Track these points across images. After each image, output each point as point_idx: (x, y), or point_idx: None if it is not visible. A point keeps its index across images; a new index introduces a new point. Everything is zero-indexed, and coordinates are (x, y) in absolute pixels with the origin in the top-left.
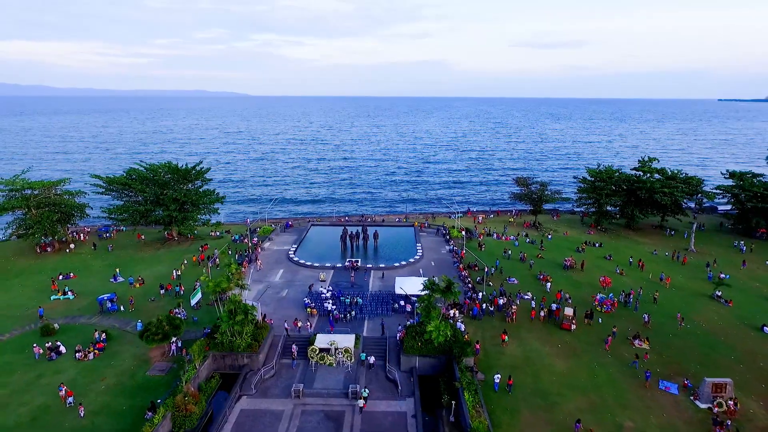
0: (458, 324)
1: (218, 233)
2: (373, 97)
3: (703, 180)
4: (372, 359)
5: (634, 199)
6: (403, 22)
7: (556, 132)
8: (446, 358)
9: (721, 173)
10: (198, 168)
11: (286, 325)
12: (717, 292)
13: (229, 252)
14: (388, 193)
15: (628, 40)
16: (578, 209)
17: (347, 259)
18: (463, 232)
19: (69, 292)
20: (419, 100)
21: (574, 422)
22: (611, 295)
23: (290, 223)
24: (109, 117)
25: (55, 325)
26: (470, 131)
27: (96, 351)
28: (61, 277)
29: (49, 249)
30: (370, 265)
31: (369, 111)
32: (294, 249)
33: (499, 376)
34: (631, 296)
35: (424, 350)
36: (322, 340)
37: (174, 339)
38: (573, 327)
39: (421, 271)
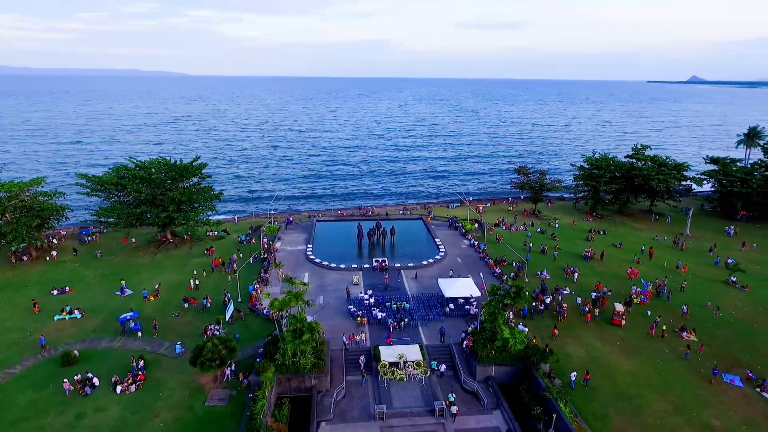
0: (519, 326)
1: (216, 233)
2: (320, 78)
3: (690, 166)
4: (443, 367)
5: (629, 186)
6: (345, 0)
7: (513, 115)
8: (523, 365)
9: (703, 158)
10: (195, 163)
11: (344, 339)
12: (732, 278)
13: (240, 255)
14: (371, 185)
15: (564, 23)
16: (572, 196)
17: (374, 259)
18: (476, 225)
19: (75, 311)
20: (367, 80)
21: (663, 424)
22: (648, 285)
23: (291, 219)
24: (36, 99)
25: (75, 352)
26: (430, 114)
27: (138, 382)
28: (55, 292)
29: (25, 258)
30: (398, 265)
31: (319, 93)
32: (310, 249)
33: (575, 374)
34: (660, 286)
35: (499, 358)
36: (387, 354)
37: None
38: (623, 322)
39: (451, 271)
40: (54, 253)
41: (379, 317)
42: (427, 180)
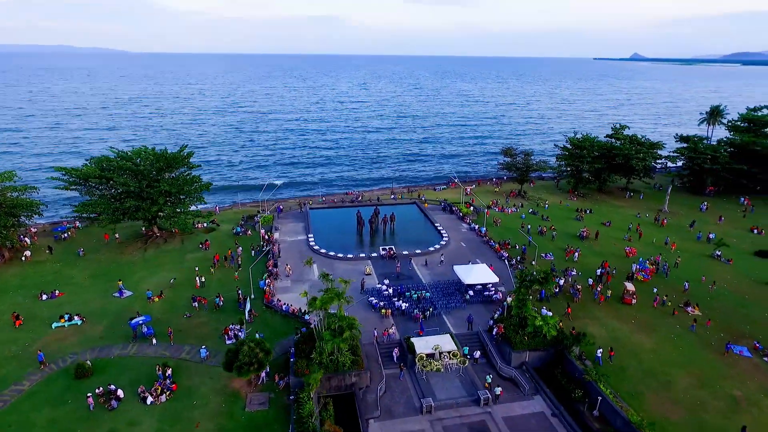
0: (543, 311)
1: (205, 224)
2: (270, 55)
3: (664, 144)
4: (477, 353)
5: (609, 165)
6: None
7: (474, 94)
8: (555, 349)
9: (674, 137)
10: (184, 152)
11: (375, 333)
12: (717, 252)
13: (240, 248)
14: (350, 170)
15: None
16: (552, 176)
17: (382, 248)
18: (471, 208)
19: (75, 317)
20: (318, 58)
21: (693, 398)
22: (646, 264)
23: (281, 207)
24: None
25: (87, 363)
26: (393, 94)
27: (167, 392)
28: (44, 297)
29: None
30: (406, 252)
31: (273, 72)
32: (312, 239)
33: (600, 351)
34: (658, 263)
35: (533, 344)
36: (421, 345)
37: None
38: (634, 301)
39: (456, 255)
40: (28, 253)
41: (403, 308)
42: (406, 164)
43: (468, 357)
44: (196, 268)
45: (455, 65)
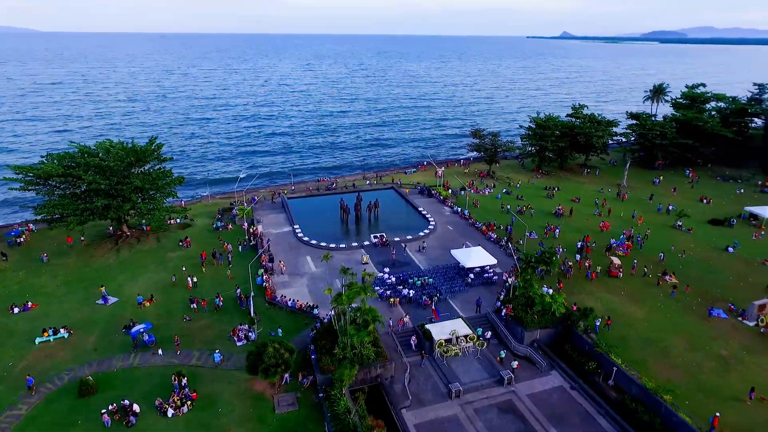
0: (544, 289)
1: (178, 220)
2: (200, 35)
3: (619, 122)
4: (489, 334)
5: (572, 143)
6: None
7: (420, 74)
8: (562, 325)
9: (626, 113)
10: (154, 144)
11: (390, 322)
12: (678, 222)
13: (229, 245)
14: (313, 157)
15: None
16: (515, 155)
17: (373, 235)
18: (449, 190)
19: (61, 330)
20: (252, 37)
21: (689, 361)
22: (624, 238)
23: (256, 198)
24: None
25: (89, 378)
26: (339, 76)
27: (189, 401)
28: (16, 309)
29: None
30: (398, 239)
31: (208, 53)
32: (299, 230)
33: (599, 320)
34: (631, 237)
35: (543, 322)
36: (437, 331)
37: None
38: (620, 274)
39: (446, 239)
40: None
41: (410, 295)
42: (368, 149)
43: (481, 337)
44: (183, 268)
45: (396, 45)
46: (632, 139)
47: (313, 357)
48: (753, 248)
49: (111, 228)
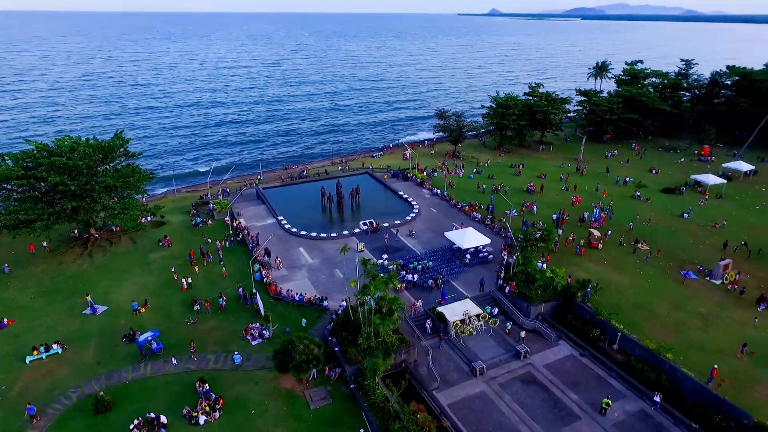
0: (539, 264)
1: (149, 218)
2: (112, 14)
3: (572, 99)
4: (496, 311)
5: (531, 121)
6: None
7: (360, 54)
8: (563, 298)
9: (575, 90)
10: (120, 139)
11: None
12: (637, 193)
13: (209, 240)
14: (272, 146)
15: None
16: (474, 134)
17: (362, 222)
18: (424, 173)
19: (54, 345)
20: (172, 16)
21: (675, 320)
22: (599, 212)
23: (228, 190)
24: None
25: (101, 393)
26: (279, 57)
27: (218, 407)
28: None
29: None
30: (387, 224)
31: (131, 32)
32: (284, 221)
33: (589, 289)
34: (597, 209)
35: (546, 296)
36: (450, 313)
37: None
38: (600, 245)
39: (454, 225)
40: None
41: (414, 280)
42: (326, 134)
43: (491, 314)
44: (173, 269)
45: (330, 23)
46: (583, 114)
47: (336, 349)
48: (703, 213)
49: (75, 231)
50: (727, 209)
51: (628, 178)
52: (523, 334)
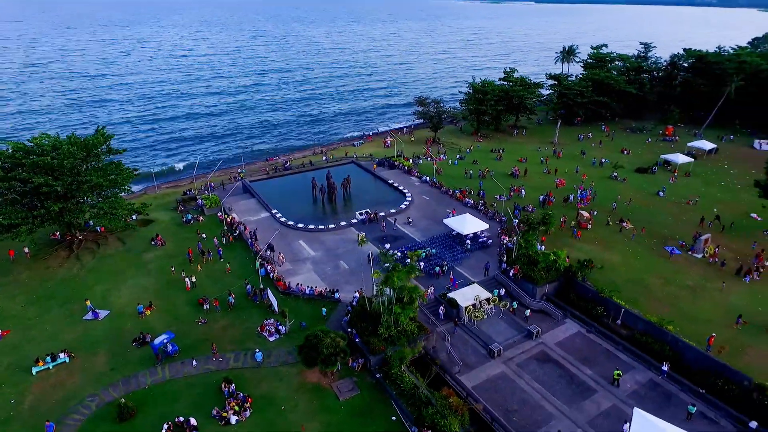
0: (539, 246)
1: (133, 217)
2: None
3: (544, 84)
4: (503, 292)
5: (508, 106)
6: None
7: (322, 41)
8: (564, 278)
9: (546, 75)
10: (104, 136)
11: None
12: (614, 173)
13: (203, 236)
14: (244, 139)
15: None
16: (450, 119)
17: (359, 212)
18: (410, 160)
19: (61, 354)
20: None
21: (668, 294)
22: (586, 193)
23: (213, 184)
24: None
25: (122, 401)
26: (239, 44)
27: (246, 405)
28: None
29: None
30: (383, 213)
31: (67, 20)
32: (279, 214)
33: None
34: (583, 191)
35: (549, 277)
36: (461, 299)
37: None
38: (589, 226)
39: (450, 212)
40: None
41: (421, 267)
42: (304, 126)
43: (501, 297)
44: (173, 269)
45: (285, 8)
46: (555, 98)
47: (357, 340)
48: (675, 191)
49: (57, 234)
50: (696, 186)
51: (603, 160)
52: (528, 312)
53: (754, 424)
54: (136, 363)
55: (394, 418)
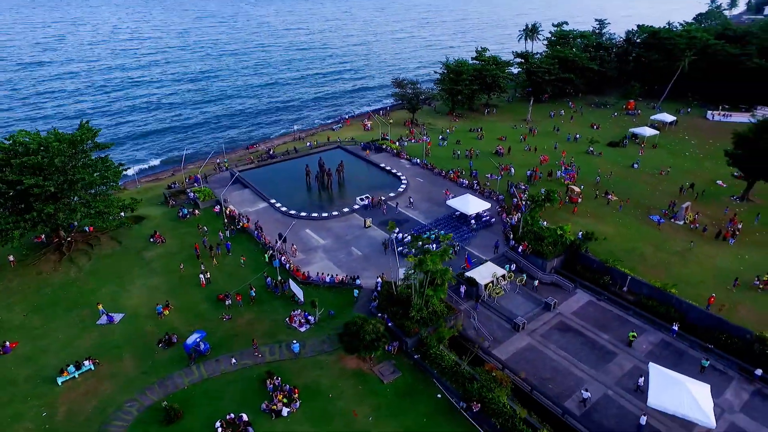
0: (541, 222)
1: (122, 214)
2: None
3: (512, 62)
4: (513, 266)
5: (481, 85)
6: None
7: (269, 21)
8: (569, 251)
9: (512, 53)
10: (90, 129)
11: None
12: (590, 148)
13: (206, 229)
14: (213, 129)
15: None
16: (425, 99)
17: (359, 198)
18: (397, 143)
19: (86, 361)
20: None
21: (661, 260)
22: (570, 170)
23: (198, 176)
24: None
25: (164, 403)
26: (185, 26)
27: (295, 397)
28: None
29: None
30: (383, 197)
31: None
32: (278, 204)
33: (581, 234)
34: (564, 166)
35: (557, 251)
36: (480, 277)
37: None
38: (580, 200)
39: (451, 194)
40: None
41: (434, 249)
42: (274, 113)
43: (513, 271)
44: (181, 266)
45: None
46: (524, 76)
47: (390, 324)
48: (646, 163)
49: (41, 237)
50: (664, 158)
51: (578, 135)
52: (536, 283)
53: (759, 371)
54: (167, 364)
55: (439, 395)
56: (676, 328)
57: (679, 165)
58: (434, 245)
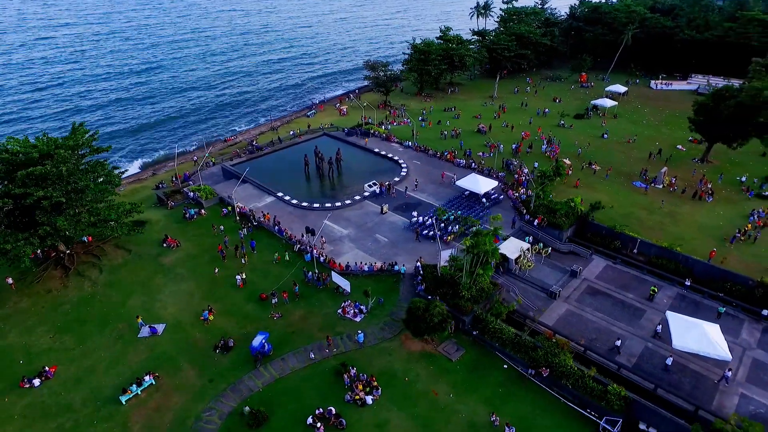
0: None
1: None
2: None
3: (471, 41)
4: (531, 239)
5: (449, 65)
6: None
7: (207, 6)
8: (580, 219)
9: (470, 30)
10: (86, 131)
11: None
12: (561, 122)
13: (221, 228)
14: (178, 126)
15: None
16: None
17: (367, 184)
18: (382, 126)
19: (146, 377)
20: None
21: (657, 223)
22: (552, 143)
23: (188, 173)
24: None
25: (246, 408)
26: (117, 11)
27: (375, 385)
28: (36, 381)
29: None
30: (389, 182)
31: None
32: (287, 197)
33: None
34: (545, 140)
35: (571, 221)
36: (509, 252)
37: None
38: (570, 172)
39: (454, 175)
40: None
41: (455, 230)
42: (244, 105)
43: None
44: (216, 270)
45: None
46: (485, 54)
47: (445, 308)
48: (613, 132)
49: (39, 252)
50: (626, 126)
51: (546, 110)
52: (549, 250)
53: (766, 311)
54: (232, 369)
55: (505, 366)
56: (689, 282)
57: (641, 132)
58: (456, 225)
